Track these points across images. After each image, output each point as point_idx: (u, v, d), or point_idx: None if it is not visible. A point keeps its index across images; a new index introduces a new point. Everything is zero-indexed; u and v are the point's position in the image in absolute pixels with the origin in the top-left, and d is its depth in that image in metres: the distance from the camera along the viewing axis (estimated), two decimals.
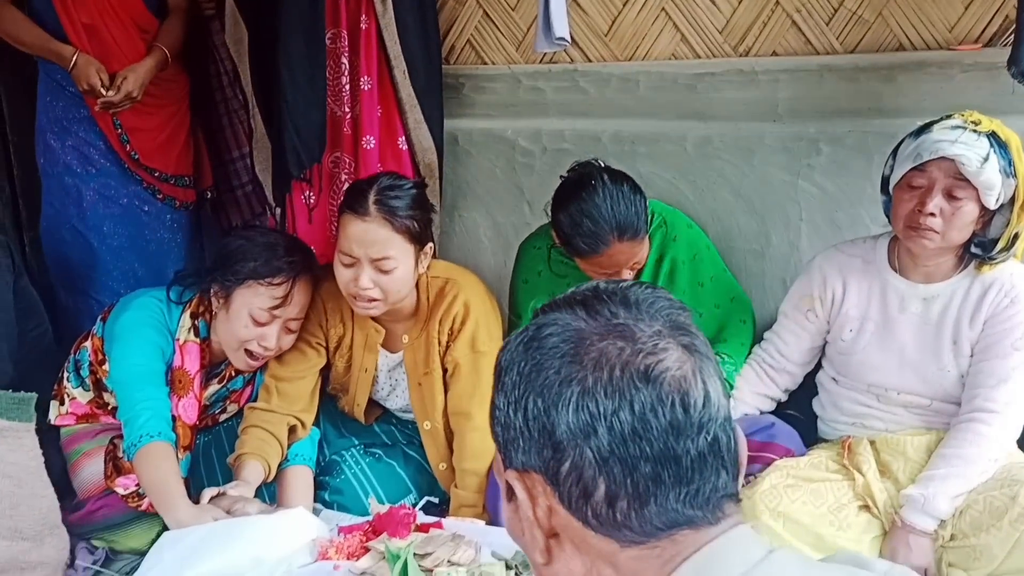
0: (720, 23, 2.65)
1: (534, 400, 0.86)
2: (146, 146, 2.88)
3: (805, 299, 2.19)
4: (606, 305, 0.90)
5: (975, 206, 1.89)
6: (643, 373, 0.84)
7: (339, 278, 2.16)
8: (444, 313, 2.25)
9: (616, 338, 0.86)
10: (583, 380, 0.84)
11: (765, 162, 2.63)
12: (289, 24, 2.58)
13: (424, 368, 2.28)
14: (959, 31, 2.40)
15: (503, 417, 0.90)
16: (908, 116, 2.29)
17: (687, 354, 0.87)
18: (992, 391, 1.93)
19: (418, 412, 2.34)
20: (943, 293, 2.02)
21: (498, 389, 0.92)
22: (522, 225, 2.98)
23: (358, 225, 2.10)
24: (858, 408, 2.14)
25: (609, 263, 2.21)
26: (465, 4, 2.96)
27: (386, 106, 2.75)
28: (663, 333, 0.87)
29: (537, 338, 0.89)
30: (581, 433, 0.83)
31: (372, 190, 2.12)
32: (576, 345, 0.86)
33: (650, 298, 0.91)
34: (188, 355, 2.27)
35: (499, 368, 0.93)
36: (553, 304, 0.94)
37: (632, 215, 2.16)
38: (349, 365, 2.38)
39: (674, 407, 0.83)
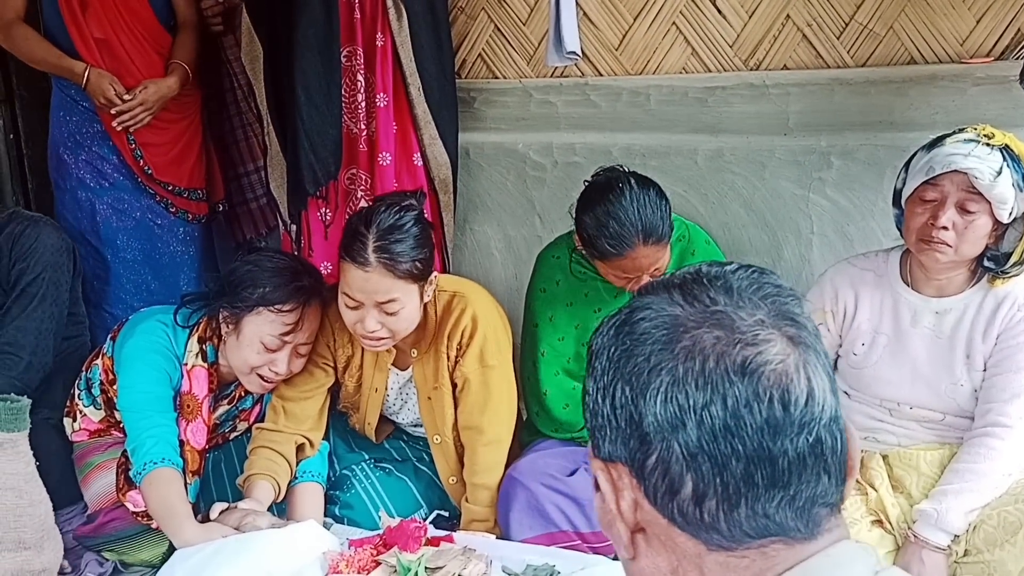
0: (731, 37, 2.65)
1: (622, 388, 0.81)
2: (159, 160, 2.91)
3: (816, 312, 2.18)
4: (705, 290, 0.84)
5: (988, 219, 1.89)
6: (740, 365, 0.78)
7: (345, 318, 2.13)
8: (452, 327, 2.24)
9: (713, 326, 0.80)
10: (673, 370, 0.79)
11: (776, 175, 2.63)
12: (305, 42, 2.60)
13: (433, 382, 2.28)
14: (971, 44, 2.39)
15: (592, 403, 0.85)
16: (920, 129, 2.29)
17: (792, 346, 0.80)
18: (1005, 405, 1.92)
19: (428, 426, 2.33)
20: (956, 307, 2.01)
21: (589, 374, 0.87)
22: (533, 238, 2.99)
23: (358, 274, 2.05)
24: (871, 422, 2.12)
25: (632, 267, 2.21)
26: (477, 19, 2.98)
27: (401, 122, 2.76)
28: (766, 322, 0.81)
29: (629, 323, 0.84)
30: (669, 425, 0.78)
31: (371, 235, 2.03)
32: (669, 332, 0.81)
33: (756, 283, 0.84)
34: (196, 380, 2.27)
35: (591, 352, 0.88)
36: (649, 287, 0.88)
37: (657, 219, 2.16)
38: (359, 384, 2.37)
39: (772, 403, 0.77)
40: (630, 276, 2.23)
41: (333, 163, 2.70)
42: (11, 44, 2.83)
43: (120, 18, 2.79)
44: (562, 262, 2.44)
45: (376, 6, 2.68)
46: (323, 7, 2.60)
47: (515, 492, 2.18)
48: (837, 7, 2.51)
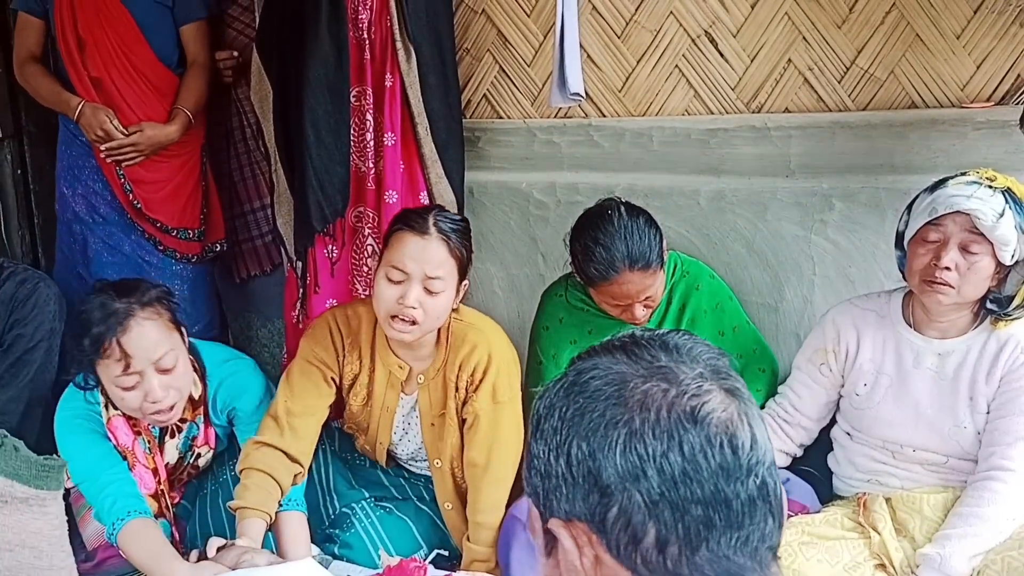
0: (733, 80, 2.68)
1: (578, 444, 0.84)
2: (151, 197, 2.92)
3: (819, 353, 2.19)
4: (646, 350, 0.89)
5: (991, 261, 1.89)
6: (690, 414, 0.82)
7: (382, 296, 2.13)
8: (465, 359, 2.25)
9: (660, 380, 0.85)
10: (630, 422, 0.82)
11: (778, 217, 2.64)
12: (316, 82, 2.63)
13: (439, 409, 2.28)
14: (971, 89, 2.42)
15: (543, 465, 0.87)
16: (920, 173, 2.30)
17: (730, 397, 0.85)
18: (1009, 449, 1.91)
19: (430, 450, 2.33)
20: (959, 349, 2.01)
21: (536, 437, 0.89)
22: (536, 277, 3.00)
23: (416, 241, 2.11)
24: (873, 464, 2.12)
25: (620, 293, 2.23)
26: (482, 60, 3.01)
27: (409, 161, 2.79)
28: (705, 376, 0.86)
29: (578, 383, 0.88)
30: (630, 476, 0.81)
31: (431, 213, 2.16)
32: (620, 387, 0.85)
33: (689, 343, 0.91)
34: (118, 430, 2.24)
35: (537, 415, 0.91)
36: (591, 351, 0.92)
37: (644, 246, 2.20)
38: (366, 404, 2.36)
39: (723, 448, 0.81)
40: (621, 304, 2.26)
41: (341, 201, 2.72)
42: (24, 81, 2.91)
43: (116, 57, 2.83)
44: (564, 300, 2.46)
45: (386, 48, 2.71)
46: (334, 48, 2.63)
47: (516, 532, 2.17)
48: (838, 51, 2.54)
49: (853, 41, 2.51)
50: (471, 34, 3.01)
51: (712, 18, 2.67)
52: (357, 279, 2.81)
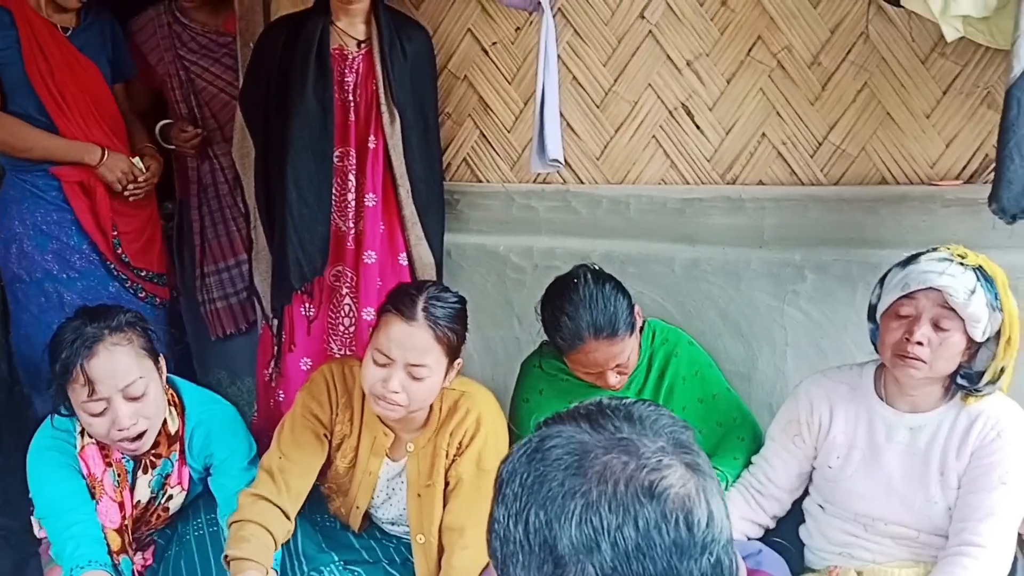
0: (708, 152, 2.74)
1: (536, 512, 0.84)
2: (133, 247, 2.99)
3: (792, 424, 2.20)
4: (610, 420, 0.89)
5: (962, 337, 1.92)
6: (647, 489, 0.82)
7: (367, 376, 2.13)
8: (456, 426, 2.23)
9: (620, 452, 0.85)
10: (587, 493, 0.83)
11: (751, 287, 2.68)
12: (299, 142, 2.65)
13: (427, 479, 2.25)
14: (940, 168, 2.48)
15: (502, 530, 0.87)
16: (891, 247, 2.35)
17: (690, 472, 0.86)
18: (979, 524, 1.91)
19: (413, 524, 2.28)
20: (930, 423, 2.03)
21: (498, 501, 0.89)
22: (511, 340, 3.00)
23: (402, 327, 2.09)
24: (845, 537, 2.11)
25: (589, 361, 2.25)
26: (463, 125, 3.06)
27: (389, 222, 2.81)
28: (667, 450, 0.87)
29: (541, 450, 0.88)
30: (584, 548, 0.81)
31: (422, 296, 2.12)
32: (580, 458, 0.85)
33: (653, 415, 0.91)
34: (90, 459, 2.21)
35: (500, 480, 0.91)
36: (557, 417, 0.93)
37: (610, 314, 2.21)
38: (351, 467, 2.33)
39: (678, 525, 0.82)
40: (592, 371, 2.27)
41: (320, 259, 2.72)
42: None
43: (93, 114, 2.90)
44: (541, 369, 2.46)
45: (370, 110, 2.75)
46: (319, 108, 2.66)
47: None
48: (811, 127, 2.60)
49: (826, 117, 2.58)
50: (453, 99, 3.06)
51: (689, 91, 2.73)
52: (333, 338, 2.80)
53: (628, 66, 2.80)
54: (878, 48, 2.50)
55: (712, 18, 2.67)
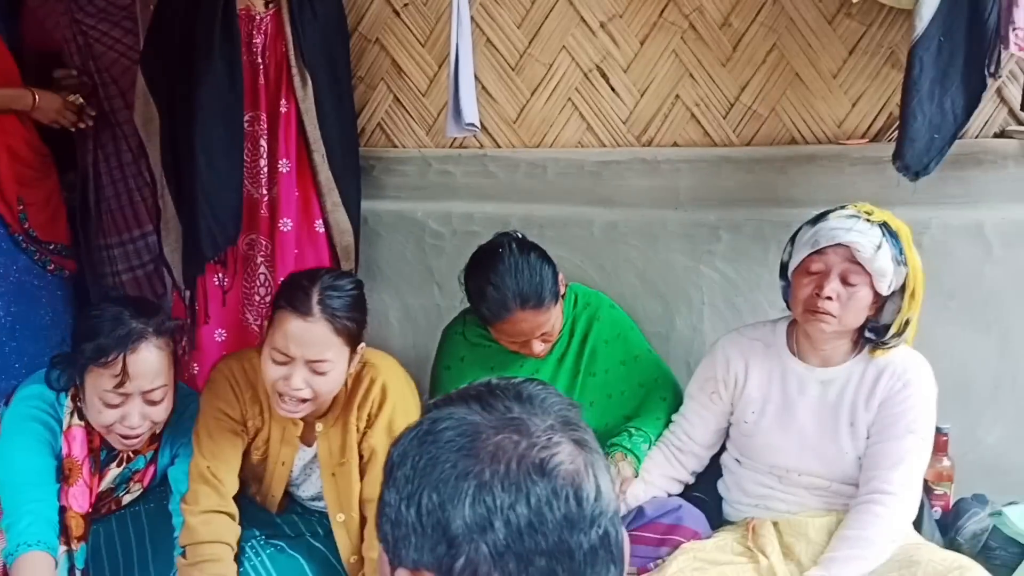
0: (624, 114, 2.75)
1: (429, 494, 0.85)
2: (39, 219, 2.85)
3: (709, 381, 2.24)
4: (500, 400, 0.91)
5: (869, 291, 1.98)
6: (539, 466, 0.84)
7: (267, 375, 2.06)
8: (362, 399, 2.19)
9: (512, 432, 0.87)
10: (480, 474, 0.84)
11: (668, 247, 2.71)
12: (208, 106, 2.57)
13: (340, 458, 2.21)
14: (847, 126, 2.54)
15: (393, 514, 0.88)
16: (801, 206, 2.39)
17: (579, 449, 0.88)
18: (888, 472, 1.98)
19: (331, 503, 2.24)
20: (839, 376, 2.09)
21: (389, 485, 0.90)
22: (431, 307, 2.99)
23: (298, 324, 2.00)
24: (761, 490, 2.17)
25: (515, 331, 2.24)
26: (376, 88, 3.00)
27: (304, 189, 2.75)
28: (555, 428, 0.88)
29: (432, 432, 0.89)
30: (477, 528, 0.82)
31: (315, 288, 2.03)
32: (472, 439, 0.86)
33: (542, 394, 0.93)
34: (74, 441, 2.15)
35: (391, 463, 0.91)
36: (447, 399, 0.94)
37: (536, 284, 2.20)
38: (264, 458, 2.28)
39: (568, 500, 0.83)
40: (518, 340, 2.27)
41: (233, 228, 2.65)
42: None
43: None
44: (464, 337, 2.45)
45: (281, 73, 2.68)
46: (227, 72, 2.58)
47: None
48: (723, 88, 2.63)
49: (737, 78, 2.61)
50: (365, 62, 3.00)
51: (603, 53, 2.73)
52: (249, 308, 2.75)
53: (542, 28, 2.78)
54: (786, 9, 2.53)
55: None
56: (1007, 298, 2.43)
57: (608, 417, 2.39)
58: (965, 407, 2.45)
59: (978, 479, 2.39)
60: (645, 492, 2.21)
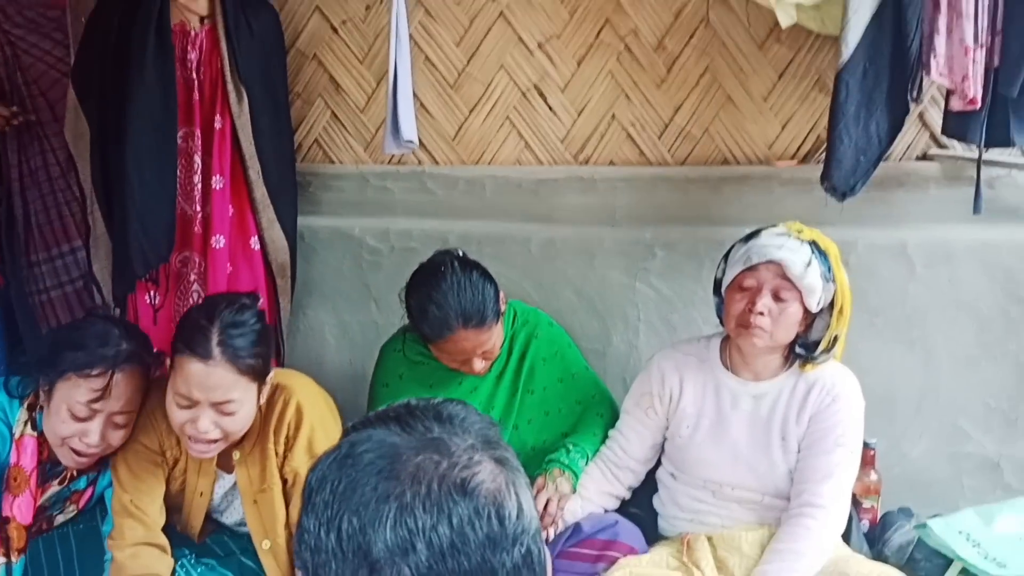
0: (561, 133, 2.78)
1: (349, 519, 0.84)
2: None
3: (645, 397, 2.26)
4: (419, 420, 0.90)
5: (799, 308, 2.03)
6: (460, 486, 0.84)
7: (174, 418, 2.00)
8: (278, 422, 2.13)
9: (432, 452, 0.86)
10: (401, 495, 0.83)
11: (605, 264, 2.74)
12: (140, 122, 2.54)
13: (260, 484, 2.15)
14: (777, 148, 2.61)
15: (313, 540, 0.86)
16: (734, 225, 2.44)
17: (500, 467, 0.88)
18: (818, 486, 2.02)
19: (255, 531, 2.18)
20: (771, 391, 2.13)
21: (308, 510, 0.88)
22: (369, 324, 2.97)
23: (199, 368, 1.93)
24: (695, 504, 2.20)
25: (456, 350, 2.23)
26: (313, 104, 2.99)
27: (238, 205, 2.72)
28: (476, 447, 0.88)
29: (352, 455, 0.88)
30: (399, 550, 0.81)
31: (214, 329, 1.95)
32: (392, 460, 0.86)
33: (462, 413, 0.93)
34: (24, 451, 2.11)
35: (309, 488, 0.89)
36: (366, 421, 0.93)
37: (478, 303, 2.20)
38: (182, 488, 2.23)
39: (491, 519, 0.83)
40: (459, 359, 2.26)
41: (165, 245, 2.61)
42: None
43: None
44: (403, 354, 2.43)
45: (216, 88, 2.65)
46: (160, 87, 2.55)
47: None
48: (658, 109, 2.68)
49: (671, 100, 2.66)
50: (302, 78, 2.99)
51: (541, 73, 2.76)
52: None
53: (481, 47, 2.80)
54: (718, 33, 2.59)
55: (562, 1, 2.71)
56: (929, 315, 2.51)
57: (546, 434, 2.41)
58: (891, 422, 2.52)
59: (904, 492, 2.45)
60: (582, 508, 2.22)
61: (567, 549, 2.12)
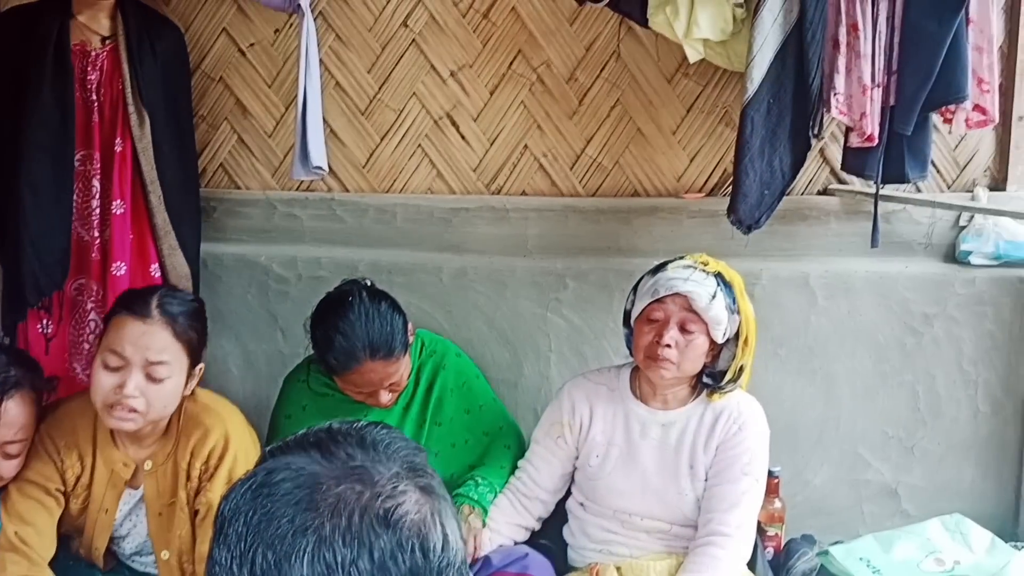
0: (473, 162, 2.78)
1: (263, 552, 0.79)
2: None
3: (555, 426, 2.25)
4: (341, 447, 0.86)
5: (705, 339, 2.05)
6: (383, 518, 0.80)
7: (99, 385, 1.97)
8: (198, 444, 2.09)
9: (354, 481, 0.82)
10: (319, 528, 0.79)
11: (517, 295, 2.74)
12: (35, 143, 2.46)
13: (169, 497, 2.10)
14: (686, 181, 2.66)
15: (224, 574, 0.81)
16: (644, 256, 2.47)
17: (425, 496, 0.84)
18: (725, 515, 2.04)
19: (157, 541, 2.13)
20: (679, 420, 2.15)
21: (220, 542, 0.82)
22: (275, 354, 2.90)
23: (136, 326, 1.96)
24: (605, 534, 2.19)
25: (362, 381, 2.19)
26: (219, 128, 2.93)
27: (139, 231, 2.63)
28: (401, 475, 0.85)
29: (268, 484, 0.83)
30: None
31: (154, 295, 2.02)
32: (312, 491, 0.81)
33: (387, 439, 0.89)
34: None
35: (222, 518, 0.84)
36: (284, 447, 0.88)
37: (387, 334, 2.16)
38: (85, 506, 2.14)
39: (414, 552, 0.80)
40: (364, 391, 2.22)
41: (59, 272, 2.51)
42: None
43: None
44: (307, 386, 2.38)
45: (116, 111, 2.57)
46: (58, 108, 2.47)
47: None
48: (569, 140, 2.70)
49: (583, 132, 2.69)
50: (208, 101, 2.92)
51: (454, 101, 2.76)
52: (76, 358, 2.59)
53: (392, 74, 2.79)
54: (629, 67, 2.64)
55: (475, 30, 2.72)
56: (830, 345, 2.58)
57: (453, 467, 2.37)
58: (793, 450, 2.57)
59: (806, 519, 2.51)
60: (491, 541, 2.19)
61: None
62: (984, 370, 2.53)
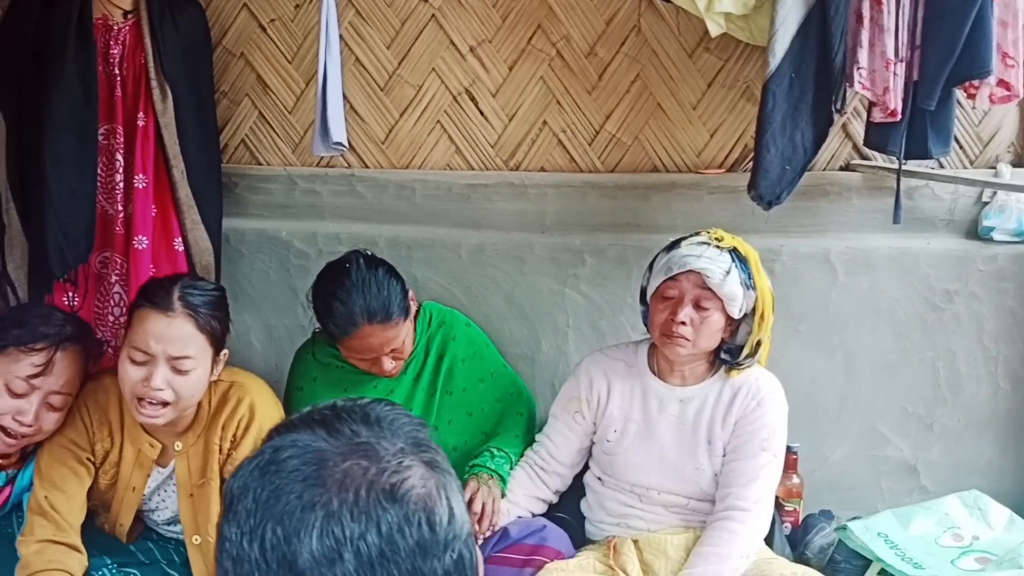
0: (492, 138, 2.77)
1: (273, 528, 0.80)
2: None
3: (573, 401, 2.27)
4: (346, 423, 0.87)
5: (721, 315, 2.05)
6: (389, 492, 0.81)
7: (126, 378, 2.00)
8: (228, 418, 2.13)
9: (360, 457, 0.83)
10: (327, 503, 0.80)
11: (535, 271, 2.74)
12: (59, 117, 2.46)
13: (200, 477, 2.14)
14: (706, 156, 2.64)
15: (235, 550, 0.82)
16: (662, 232, 2.46)
17: (430, 471, 0.85)
18: (743, 490, 2.05)
19: (187, 525, 2.16)
20: (697, 395, 2.15)
21: (229, 519, 0.84)
22: (296, 328, 2.91)
23: (159, 320, 1.98)
24: (622, 508, 2.21)
25: (363, 347, 2.22)
26: (240, 104, 2.93)
27: (162, 205, 2.65)
28: (406, 451, 0.86)
29: (275, 461, 0.84)
30: (326, 560, 0.78)
31: (176, 286, 2.03)
32: (318, 467, 0.82)
33: (391, 415, 0.90)
34: None
35: (231, 496, 0.85)
36: (290, 424, 0.89)
37: (383, 298, 2.20)
38: (113, 483, 2.18)
39: (421, 526, 0.81)
40: (367, 358, 2.25)
41: (84, 245, 2.53)
42: None
43: None
44: (314, 358, 2.41)
45: (139, 85, 2.58)
46: (80, 83, 2.48)
47: None
48: (588, 116, 2.69)
49: (602, 107, 2.68)
50: (229, 77, 2.93)
51: (472, 77, 2.75)
52: (101, 329, 2.61)
53: (412, 50, 2.78)
54: (649, 41, 2.62)
55: (494, 5, 2.71)
56: (851, 322, 2.57)
57: (468, 435, 2.40)
58: (813, 426, 2.57)
59: (825, 495, 2.51)
60: (509, 512, 2.21)
61: (494, 554, 2.11)
62: (1005, 347, 2.52)
